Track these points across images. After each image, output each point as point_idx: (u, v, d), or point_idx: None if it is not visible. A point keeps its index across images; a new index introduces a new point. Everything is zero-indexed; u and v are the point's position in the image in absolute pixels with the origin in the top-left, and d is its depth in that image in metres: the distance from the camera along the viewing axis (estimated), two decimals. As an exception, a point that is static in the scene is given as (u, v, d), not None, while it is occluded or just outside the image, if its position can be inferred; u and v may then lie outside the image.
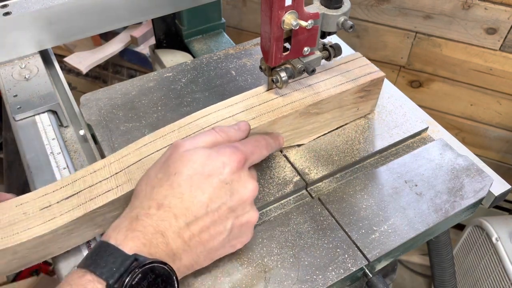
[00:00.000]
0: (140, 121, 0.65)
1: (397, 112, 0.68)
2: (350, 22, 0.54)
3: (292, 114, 0.57)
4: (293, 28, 0.49)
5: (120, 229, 0.40)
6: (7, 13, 0.67)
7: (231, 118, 0.56)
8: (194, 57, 0.92)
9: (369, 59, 0.66)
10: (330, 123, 0.63)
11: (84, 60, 1.49)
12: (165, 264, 0.39)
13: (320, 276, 0.49)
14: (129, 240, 0.39)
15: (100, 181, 0.49)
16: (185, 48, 0.96)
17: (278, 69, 0.55)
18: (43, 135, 0.62)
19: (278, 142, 0.56)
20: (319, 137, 0.63)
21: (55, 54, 0.77)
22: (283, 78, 0.55)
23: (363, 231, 0.53)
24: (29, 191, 0.49)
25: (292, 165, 0.60)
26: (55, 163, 0.59)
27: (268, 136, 0.54)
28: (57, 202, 0.47)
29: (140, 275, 0.37)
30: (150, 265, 0.38)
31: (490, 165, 0.62)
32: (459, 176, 0.59)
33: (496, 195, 0.59)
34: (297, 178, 0.59)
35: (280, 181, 0.58)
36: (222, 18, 0.96)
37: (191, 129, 0.54)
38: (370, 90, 0.63)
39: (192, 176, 0.43)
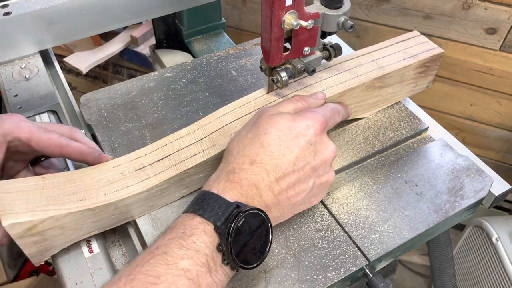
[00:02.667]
0: (140, 121, 0.65)
1: (397, 112, 0.68)
2: (350, 22, 0.54)
3: (359, 86, 0.61)
4: (293, 28, 0.49)
5: (219, 180, 0.45)
6: (7, 13, 0.67)
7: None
8: (194, 57, 0.92)
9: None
10: (390, 97, 0.66)
11: (84, 60, 1.49)
12: (262, 211, 0.43)
13: (321, 276, 0.49)
14: (229, 190, 0.44)
15: (187, 146, 0.54)
16: (185, 48, 0.96)
17: (279, 69, 0.55)
18: (43, 135, 0.62)
19: (347, 110, 0.60)
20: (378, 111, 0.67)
21: (55, 54, 0.77)
22: (284, 78, 0.55)
23: (363, 231, 0.53)
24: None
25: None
26: (55, 163, 0.58)
27: (339, 105, 0.58)
28: (150, 164, 0.52)
29: (243, 219, 0.41)
30: (251, 211, 0.42)
31: (490, 165, 0.62)
32: (459, 176, 0.59)
33: (496, 195, 0.59)
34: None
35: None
36: (222, 18, 0.96)
37: (267, 100, 0.58)
38: (429, 66, 0.66)
39: (281, 136, 0.47)
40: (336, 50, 0.59)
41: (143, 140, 0.62)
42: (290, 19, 0.49)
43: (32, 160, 0.56)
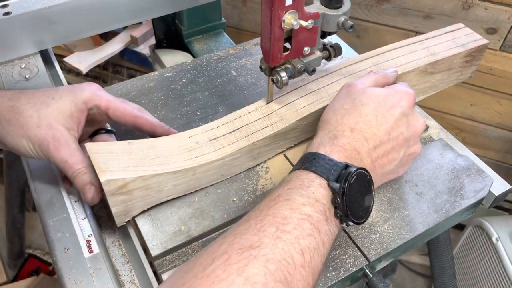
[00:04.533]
0: (140, 121, 0.65)
1: (397, 112, 0.68)
2: (350, 22, 0.54)
3: (415, 70, 0.64)
4: (293, 28, 0.49)
5: (324, 144, 0.48)
6: (7, 13, 0.67)
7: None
8: (194, 57, 0.92)
9: (370, 59, 0.66)
10: (438, 84, 0.70)
11: (84, 60, 1.49)
12: (368, 172, 0.46)
13: (320, 276, 0.49)
14: (335, 152, 0.47)
15: (256, 120, 0.58)
16: (185, 48, 0.96)
17: (278, 69, 0.55)
18: (43, 135, 0.62)
19: None
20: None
21: (55, 54, 0.77)
22: (284, 78, 0.55)
23: (363, 231, 0.53)
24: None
25: (292, 164, 0.60)
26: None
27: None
28: (223, 135, 0.56)
29: (355, 177, 0.44)
30: (360, 171, 0.45)
31: (490, 165, 0.62)
32: (459, 176, 0.59)
33: (496, 195, 0.59)
34: (297, 178, 0.59)
35: (279, 181, 0.58)
36: (222, 18, 0.96)
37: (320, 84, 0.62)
38: (475, 56, 0.69)
39: (377, 107, 0.50)
40: (336, 50, 0.59)
41: (143, 140, 0.62)
42: (290, 19, 0.49)
43: (92, 133, 0.59)
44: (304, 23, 0.50)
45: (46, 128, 0.50)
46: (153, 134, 0.57)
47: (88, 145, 0.49)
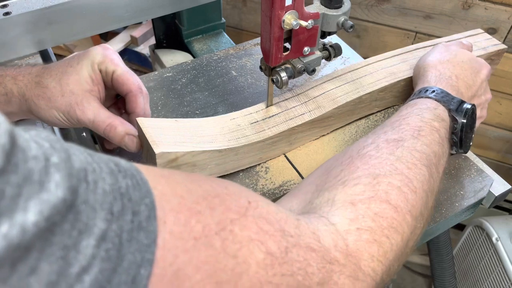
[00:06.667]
0: (140, 121, 0.65)
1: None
2: (350, 22, 0.54)
3: None
4: (293, 28, 0.49)
5: (440, 82, 0.55)
6: (7, 13, 0.67)
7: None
8: (194, 57, 0.92)
9: (369, 59, 0.66)
10: None
11: (84, 60, 1.48)
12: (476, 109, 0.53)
13: (320, 276, 0.49)
14: (450, 90, 0.53)
15: (294, 107, 0.60)
16: (185, 48, 0.96)
17: (278, 69, 0.55)
18: (43, 135, 0.62)
19: None
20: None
21: (55, 54, 0.77)
22: (283, 78, 0.55)
23: (363, 231, 0.53)
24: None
25: (293, 165, 0.60)
26: (55, 163, 0.58)
27: None
28: (262, 120, 0.58)
29: (471, 110, 0.51)
30: (474, 107, 0.52)
31: (490, 165, 0.62)
32: (459, 176, 0.59)
33: (496, 195, 0.59)
34: (299, 179, 0.59)
35: (280, 182, 0.58)
36: (222, 18, 0.96)
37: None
38: (493, 60, 0.73)
39: (471, 67, 0.58)
40: (336, 50, 0.59)
41: (143, 140, 0.62)
42: (290, 19, 0.49)
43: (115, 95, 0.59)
44: (304, 23, 0.50)
45: (69, 95, 0.52)
46: (130, 112, 0.55)
47: (140, 119, 0.51)
